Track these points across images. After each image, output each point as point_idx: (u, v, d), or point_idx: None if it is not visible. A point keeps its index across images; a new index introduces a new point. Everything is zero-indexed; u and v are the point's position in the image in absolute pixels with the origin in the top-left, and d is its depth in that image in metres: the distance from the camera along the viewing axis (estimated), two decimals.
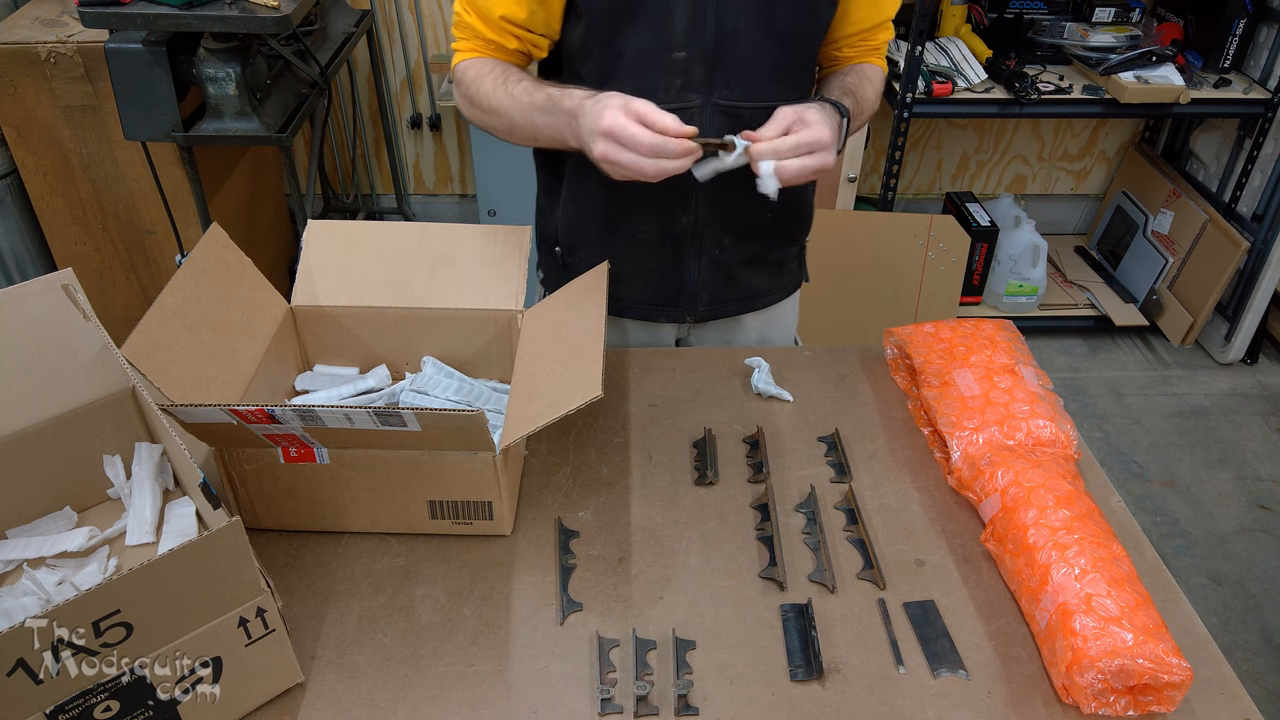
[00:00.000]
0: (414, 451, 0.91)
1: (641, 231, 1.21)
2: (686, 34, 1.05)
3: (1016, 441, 1.02)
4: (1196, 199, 2.93)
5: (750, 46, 1.07)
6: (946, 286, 2.87)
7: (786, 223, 1.28)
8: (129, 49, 2.01)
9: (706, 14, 1.04)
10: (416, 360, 1.16)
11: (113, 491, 1.00)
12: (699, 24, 1.05)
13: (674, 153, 0.94)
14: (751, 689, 0.84)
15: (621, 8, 1.05)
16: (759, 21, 1.06)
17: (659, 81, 1.08)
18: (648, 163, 0.94)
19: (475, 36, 1.12)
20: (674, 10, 1.04)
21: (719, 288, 1.27)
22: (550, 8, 1.09)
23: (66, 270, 0.93)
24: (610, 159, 0.95)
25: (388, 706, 0.82)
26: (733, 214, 1.20)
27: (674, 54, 1.06)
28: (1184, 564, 2.27)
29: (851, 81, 1.17)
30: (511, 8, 1.08)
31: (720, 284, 1.27)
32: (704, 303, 1.28)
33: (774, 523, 0.99)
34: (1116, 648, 0.78)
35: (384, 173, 3.18)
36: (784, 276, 1.34)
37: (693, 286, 1.26)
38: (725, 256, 1.24)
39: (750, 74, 1.08)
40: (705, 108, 1.09)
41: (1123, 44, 2.71)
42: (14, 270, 2.47)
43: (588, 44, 1.09)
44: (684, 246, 1.22)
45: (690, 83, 1.08)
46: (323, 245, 1.14)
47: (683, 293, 1.26)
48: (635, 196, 1.17)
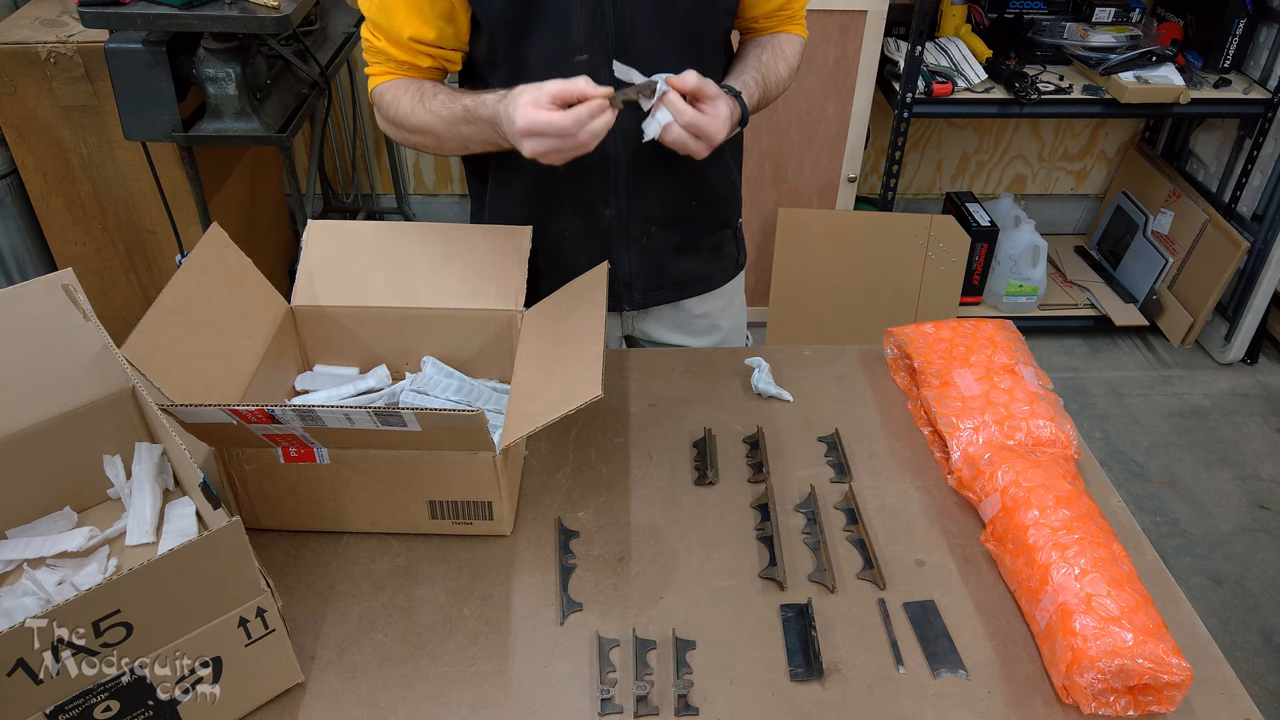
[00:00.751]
0: (414, 451, 0.91)
1: (568, 229, 1.22)
2: (586, 37, 1.06)
3: (1016, 441, 1.02)
4: (1196, 199, 2.93)
5: (651, 43, 1.08)
6: (946, 286, 2.87)
7: (711, 206, 1.29)
8: (129, 49, 2.01)
9: (604, 16, 1.05)
10: (416, 360, 1.16)
11: (113, 491, 1.00)
12: (598, 26, 1.06)
13: (590, 115, 0.94)
14: (751, 689, 0.84)
15: (518, 17, 1.06)
16: (656, 18, 1.07)
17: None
18: (579, 138, 0.94)
19: (387, 60, 1.13)
20: (571, 15, 1.05)
21: (651, 276, 1.28)
22: (459, 23, 1.10)
23: (66, 270, 0.93)
24: (541, 153, 0.96)
25: (388, 706, 0.82)
26: (655, 203, 1.21)
27: (576, 57, 1.07)
28: (1184, 564, 2.27)
29: (766, 58, 1.18)
30: (420, 28, 1.08)
31: (652, 272, 1.28)
32: (639, 291, 1.29)
33: (774, 523, 0.99)
34: (1116, 648, 0.78)
35: (384, 173, 3.18)
36: (721, 260, 1.34)
37: (625, 276, 1.27)
38: (653, 245, 1.25)
39: (655, 69, 1.07)
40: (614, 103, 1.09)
41: (1123, 44, 2.71)
42: (14, 270, 2.47)
43: (492, 54, 1.11)
44: (611, 239, 1.23)
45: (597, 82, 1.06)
46: (323, 245, 1.14)
47: (617, 282, 1.27)
48: (557, 195, 1.18)
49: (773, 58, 1.19)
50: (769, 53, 1.19)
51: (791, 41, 1.23)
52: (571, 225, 1.22)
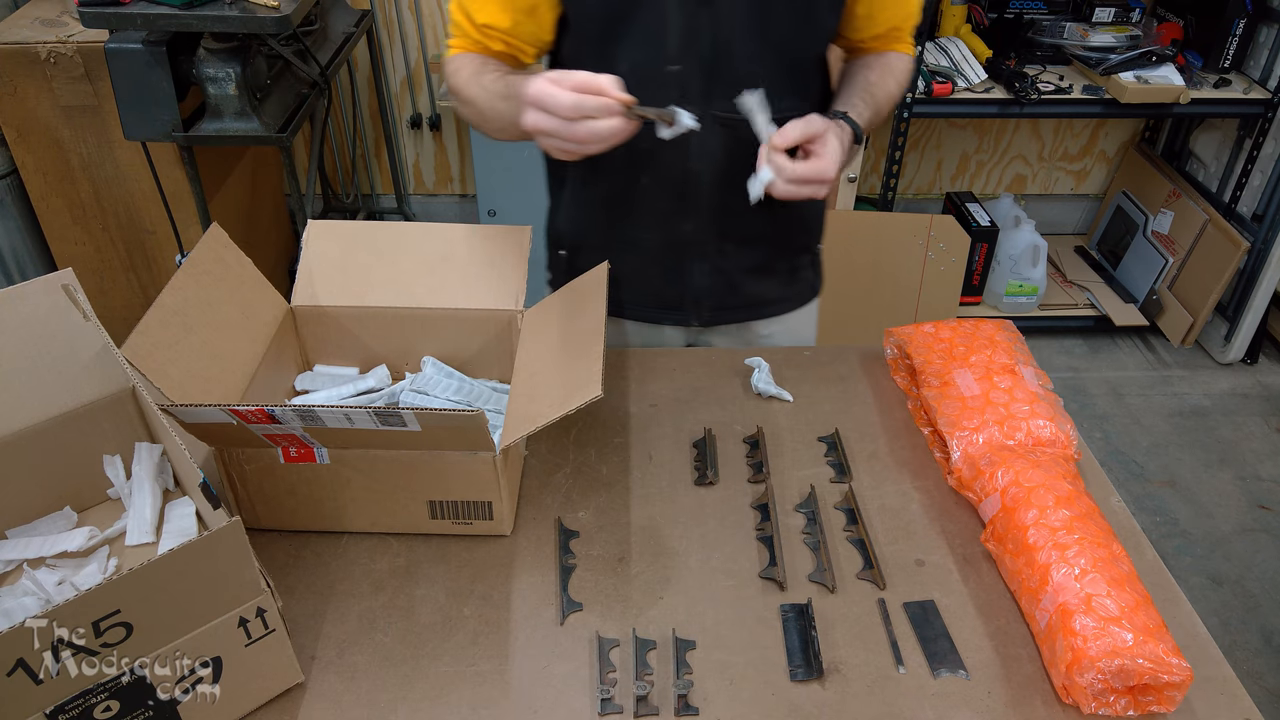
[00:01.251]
0: (414, 451, 0.91)
1: (643, 237, 1.20)
2: (681, 47, 1.04)
3: (1016, 441, 1.02)
4: (1196, 199, 2.93)
5: (748, 58, 1.06)
6: (946, 286, 2.87)
7: (793, 230, 1.26)
8: (129, 49, 2.01)
9: (701, 26, 1.03)
10: (416, 360, 1.16)
11: (113, 491, 1.00)
12: (694, 37, 1.04)
13: (595, 109, 0.89)
14: (751, 689, 0.84)
15: (613, 21, 1.04)
16: (754, 32, 1.05)
17: (654, 94, 1.06)
18: (576, 127, 0.90)
19: (464, 35, 1.12)
20: (668, 23, 1.03)
21: (723, 295, 1.26)
22: (540, 19, 1.08)
23: (66, 270, 0.93)
24: (538, 128, 0.92)
25: (388, 706, 0.82)
26: (735, 222, 1.19)
27: (668, 67, 1.05)
28: (1184, 564, 2.27)
29: (874, 78, 1.14)
30: (494, 16, 1.07)
31: (724, 291, 1.26)
32: (708, 308, 1.27)
33: (774, 523, 0.99)
34: (1116, 648, 0.78)
35: (384, 173, 3.18)
36: (796, 285, 1.32)
37: (696, 292, 1.25)
38: (728, 264, 1.23)
39: (749, 86, 1.06)
40: (704, 120, 1.06)
41: (1123, 44, 2.71)
42: (14, 270, 2.47)
43: (580, 56, 1.09)
44: (686, 253, 1.21)
45: (687, 95, 1.07)
46: (323, 245, 1.14)
47: (686, 298, 1.26)
48: (636, 205, 1.16)
49: (881, 76, 1.15)
50: (877, 71, 1.15)
51: (901, 60, 1.19)
52: (647, 236, 1.20)
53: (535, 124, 0.91)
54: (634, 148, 1.05)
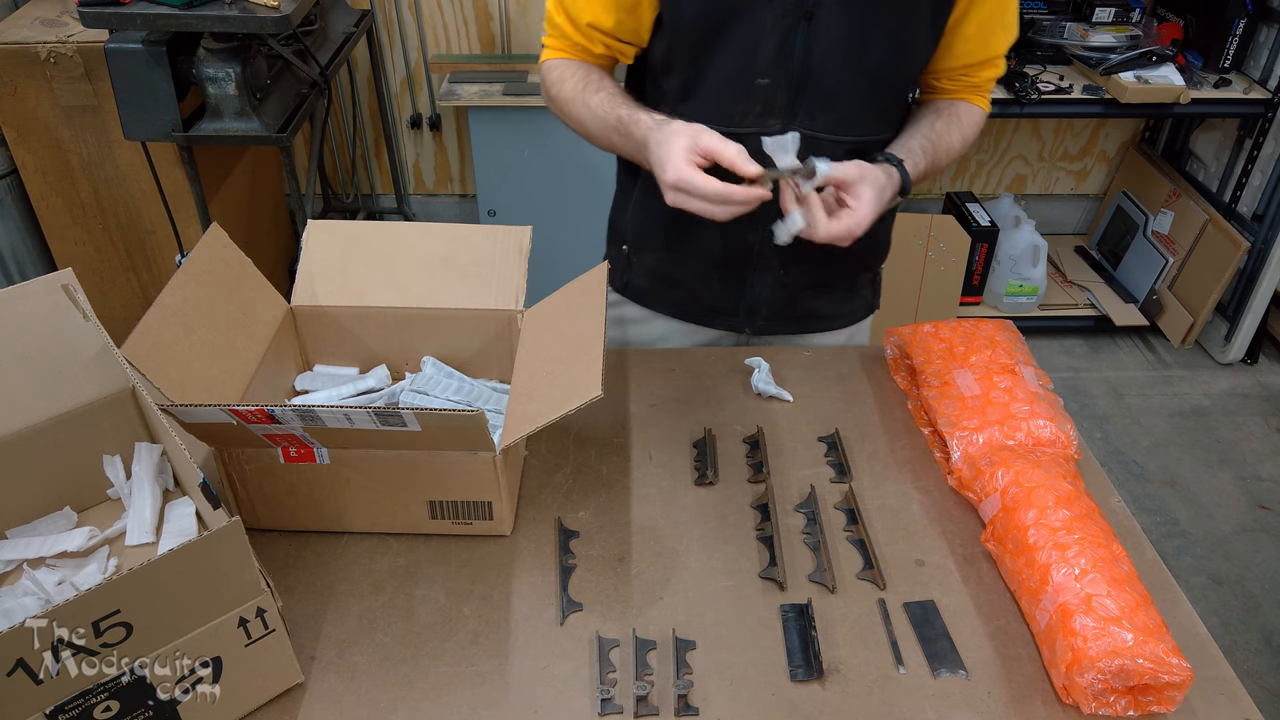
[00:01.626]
0: (414, 451, 0.91)
1: (707, 245, 1.21)
2: (773, 61, 1.04)
3: (1016, 441, 1.02)
4: (1196, 199, 2.93)
5: (838, 80, 1.05)
6: (946, 286, 2.87)
7: (858, 251, 1.23)
8: (129, 49, 2.01)
9: (796, 44, 1.03)
10: (416, 360, 1.16)
11: (113, 491, 1.00)
12: (787, 52, 1.03)
13: (741, 201, 0.94)
14: (751, 689, 0.84)
15: (709, 30, 1.03)
16: (849, 55, 1.04)
17: (739, 105, 1.07)
18: (717, 209, 0.94)
19: (562, 37, 1.13)
20: (763, 37, 1.02)
21: (780, 307, 1.27)
22: (640, 18, 1.08)
23: (66, 270, 0.93)
24: (681, 206, 0.96)
25: (388, 706, 0.82)
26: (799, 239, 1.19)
27: (758, 80, 1.05)
28: (1184, 564, 2.27)
29: (940, 128, 1.14)
30: (599, 15, 1.08)
31: (782, 303, 1.26)
32: (762, 318, 1.28)
33: (774, 523, 0.99)
34: (1116, 648, 0.78)
35: (384, 173, 3.18)
36: (853, 302, 1.32)
37: (753, 302, 1.26)
38: (789, 278, 1.23)
39: (835, 107, 1.06)
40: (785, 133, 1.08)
41: (1123, 44, 2.71)
42: (14, 270, 2.47)
43: (671, 60, 1.09)
44: (748, 263, 1.22)
45: (771, 109, 1.06)
46: (323, 245, 1.14)
47: (742, 306, 1.26)
48: None
49: (947, 125, 1.14)
50: (944, 120, 1.14)
51: (971, 112, 1.17)
52: (711, 243, 1.21)
53: (676, 203, 0.96)
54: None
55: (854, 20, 1.02)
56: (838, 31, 1.02)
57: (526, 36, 2.90)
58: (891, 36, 1.04)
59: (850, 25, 1.02)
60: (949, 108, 1.16)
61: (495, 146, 2.70)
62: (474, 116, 2.65)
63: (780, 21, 1.02)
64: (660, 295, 1.31)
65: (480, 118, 2.65)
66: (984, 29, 1.09)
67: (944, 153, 1.14)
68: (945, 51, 1.12)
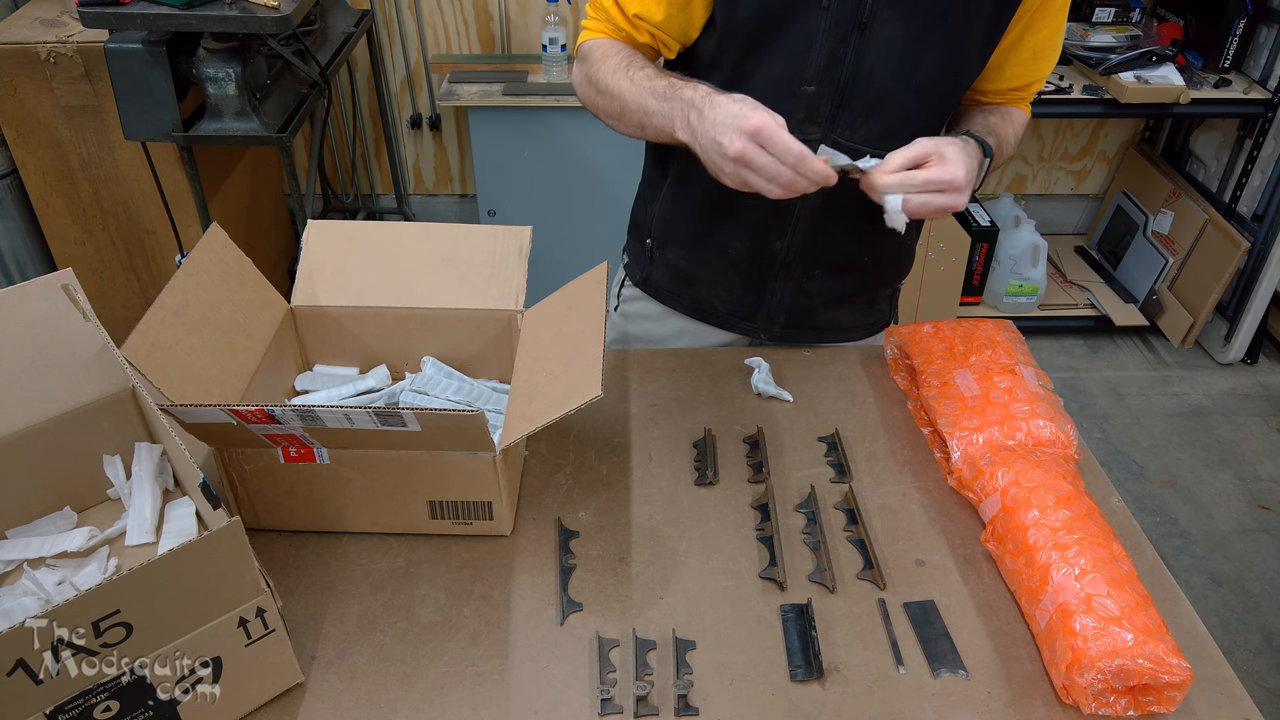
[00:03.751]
0: (414, 451, 0.91)
1: (732, 247, 1.20)
2: (821, 69, 1.03)
3: (1016, 441, 1.02)
4: (1196, 199, 2.93)
5: (884, 93, 1.04)
6: (946, 286, 2.87)
7: (881, 264, 1.25)
8: (129, 49, 2.01)
9: (846, 53, 1.01)
10: (416, 360, 1.16)
11: (113, 491, 1.00)
12: (836, 62, 1.02)
13: (813, 173, 0.89)
14: (751, 689, 0.84)
15: (761, 32, 1.02)
16: (899, 71, 1.03)
17: (782, 109, 1.04)
18: (787, 173, 0.88)
19: (607, 20, 1.10)
20: (814, 44, 1.01)
21: (799, 315, 1.26)
22: (691, 16, 1.07)
23: (66, 270, 0.93)
24: (747, 159, 0.88)
25: (388, 706, 0.82)
26: (826, 248, 1.18)
27: (804, 86, 1.04)
28: (1184, 564, 2.27)
29: (995, 121, 1.12)
30: (649, 7, 1.05)
31: (801, 312, 1.26)
32: (780, 325, 1.27)
33: (774, 523, 0.99)
34: (1116, 648, 0.78)
35: (384, 173, 3.19)
36: (870, 316, 1.32)
37: (772, 309, 1.25)
38: (811, 287, 1.23)
39: (877, 120, 1.05)
40: (826, 142, 1.07)
41: (1123, 44, 2.71)
42: (14, 270, 2.47)
43: (718, 59, 1.07)
44: (772, 269, 1.21)
45: (813, 117, 1.06)
46: (323, 245, 1.14)
47: (761, 311, 1.26)
48: (733, 212, 1.16)
49: (1000, 121, 1.13)
50: (996, 116, 1.13)
51: (1019, 115, 1.17)
52: (737, 245, 1.20)
53: (744, 153, 0.88)
54: None
55: (908, 35, 1.00)
56: (890, 45, 1.01)
57: (526, 36, 2.90)
58: (943, 55, 1.03)
59: (903, 40, 1.01)
60: (997, 108, 1.15)
61: (495, 146, 2.70)
62: (474, 116, 2.66)
63: (834, 30, 1.00)
64: (679, 293, 1.30)
65: (480, 118, 2.65)
66: (1037, 54, 1.08)
67: (1004, 143, 1.12)
68: (995, 74, 1.11)
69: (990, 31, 1.04)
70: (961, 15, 1.00)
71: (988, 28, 1.03)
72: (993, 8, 1.01)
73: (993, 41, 1.05)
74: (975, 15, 1.01)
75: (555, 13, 2.62)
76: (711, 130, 0.91)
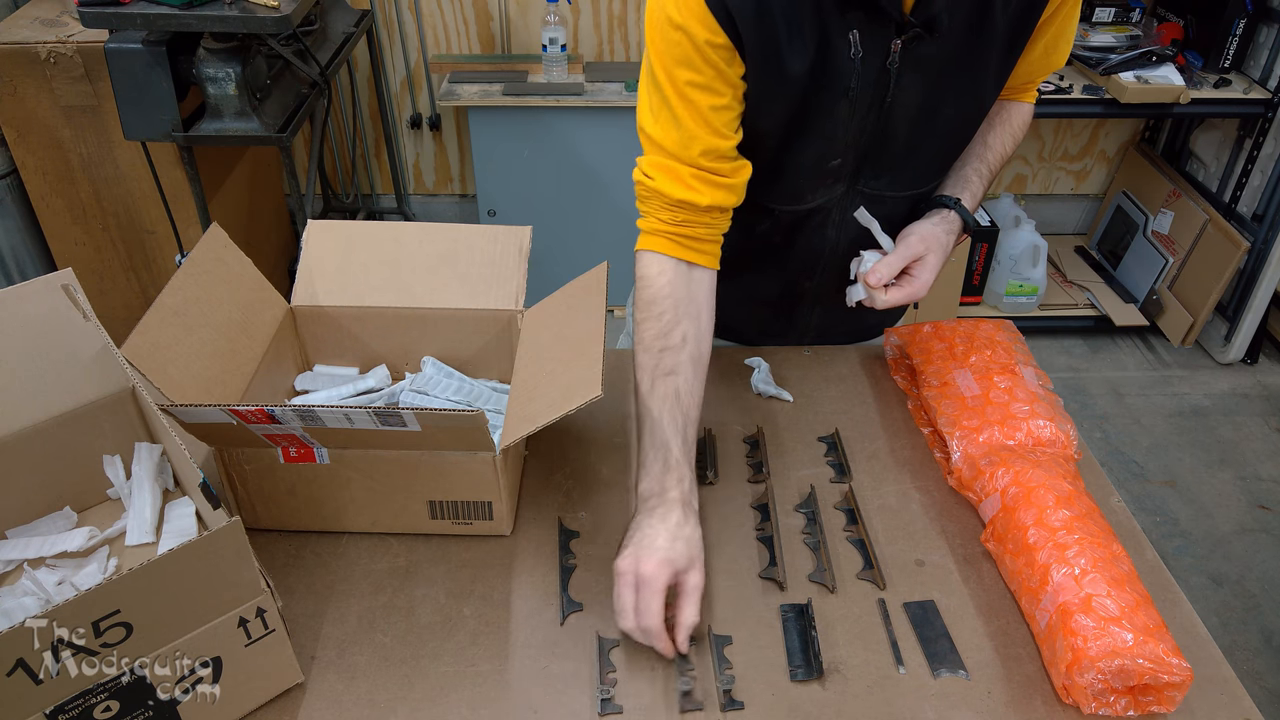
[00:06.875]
0: (414, 451, 0.91)
1: (762, 286, 1.22)
2: (846, 144, 1.03)
3: (1016, 441, 1.02)
4: (1196, 199, 2.93)
5: (905, 144, 1.04)
6: (946, 286, 2.87)
7: None
8: (129, 49, 2.01)
9: (868, 126, 1.01)
10: (416, 360, 1.16)
11: (113, 491, 1.00)
12: (859, 135, 1.02)
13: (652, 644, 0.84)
14: (751, 689, 0.84)
15: (788, 134, 1.01)
16: (918, 122, 1.02)
17: (809, 184, 1.06)
18: (630, 621, 0.84)
19: (661, 208, 1.00)
20: (839, 128, 1.01)
21: (829, 325, 1.29)
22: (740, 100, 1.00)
23: (66, 270, 0.93)
24: (621, 582, 0.85)
25: (387, 706, 0.82)
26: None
27: (831, 162, 1.04)
28: (1184, 564, 2.27)
29: (993, 139, 1.14)
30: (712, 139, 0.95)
31: (831, 323, 1.28)
32: (810, 337, 1.30)
33: (774, 523, 0.99)
34: (1116, 648, 0.78)
35: (384, 173, 3.18)
36: (896, 312, 1.32)
37: (801, 328, 1.29)
38: (840, 310, 1.22)
39: (900, 167, 1.06)
40: (850, 194, 1.09)
41: (1123, 44, 2.71)
42: (14, 270, 2.47)
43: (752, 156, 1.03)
44: (802, 301, 1.24)
45: (839, 177, 1.07)
46: (323, 245, 1.14)
47: (791, 331, 1.29)
48: (765, 257, 1.18)
49: (1000, 137, 1.14)
50: (996, 131, 1.14)
51: (1021, 111, 1.17)
52: (766, 286, 1.22)
53: (622, 579, 0.85)
54: (777, 218, 1.10)
55: (927, 92, 1.00)
56: (912, 103, 1.00)
57: (526, 36, 2.90)
58: (963, 94, 1.02)
59: (924, 94, 1.00)
60: (999, 114, 1.15)
61: (495, 146, 2.70)
62: (474, 116, 2.66)
63: (860, 112, 1.00)
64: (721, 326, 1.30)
65: (480, 118, 2.65)
66: (1048, 49, 1.07)
67: (997, 162, 1.15)
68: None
69: (1005, 57, 1.02)
70: (979, 49, 0.98)
71: (1002, 56, 1.02)
72: (1008, 33, 0.99)
73: (1009, 65, 1.04)
74: (991, 44, 0.99)
75: (555, 13, 2.62)
76: (632, 531, 0.88)
